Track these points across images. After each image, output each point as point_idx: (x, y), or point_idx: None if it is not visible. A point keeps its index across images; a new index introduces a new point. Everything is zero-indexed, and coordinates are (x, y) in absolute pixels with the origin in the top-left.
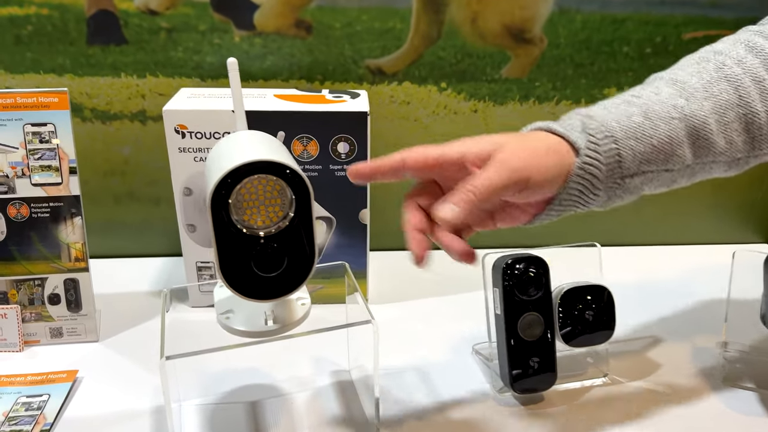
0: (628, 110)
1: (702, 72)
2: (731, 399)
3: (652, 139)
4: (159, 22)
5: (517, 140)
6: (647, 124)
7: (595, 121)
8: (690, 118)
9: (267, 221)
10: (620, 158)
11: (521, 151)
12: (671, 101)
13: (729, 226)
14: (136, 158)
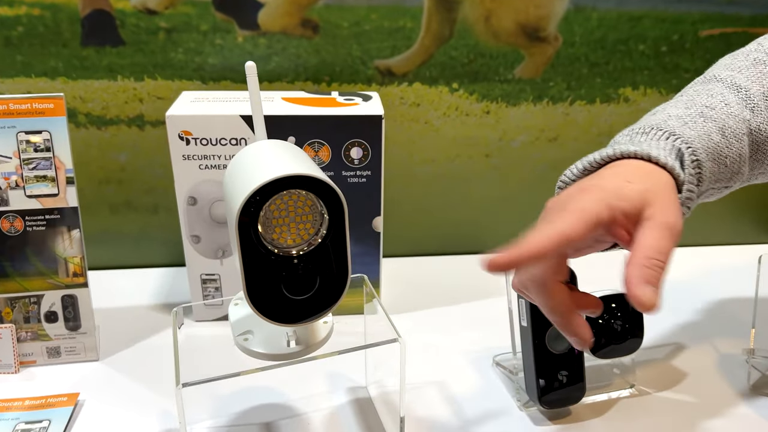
0: (707, 127)
1: (761, 77)
2: (760, 407)
3: (726, 159)
4: (158, 21)
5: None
6: (723, 143)
7: (685, 143)
8: (755, 132)
9: (297, 239)
10: (701, 181)
11: (667, 203)
12: (741, 114)
13: (747, 227)
14: (134, 165)
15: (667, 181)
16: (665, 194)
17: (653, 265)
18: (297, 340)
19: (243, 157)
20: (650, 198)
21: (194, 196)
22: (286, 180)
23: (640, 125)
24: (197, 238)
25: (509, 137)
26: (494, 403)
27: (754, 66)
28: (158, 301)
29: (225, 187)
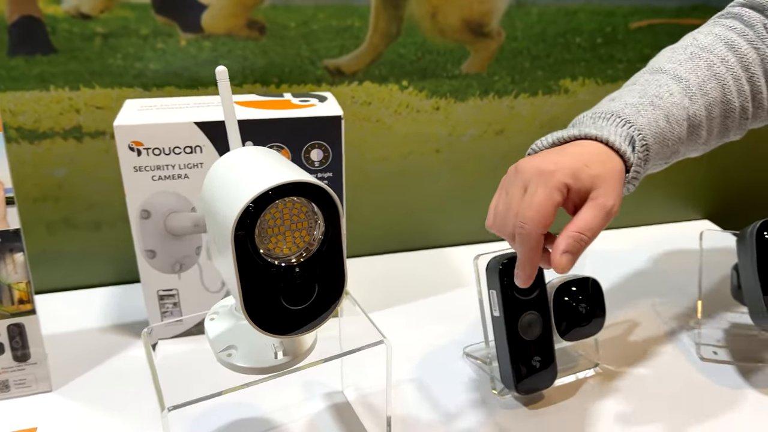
0: (655, 114)
1: (697, 69)
2: (711, 374)
3: (668, 141)
4: (93, 27)
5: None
6: (668, 128)
7: (636, 130)
8: (692, 118)
9: (293, 248)
10: (647, 161)
11: (611, 188)
12: (682, 102)
13: (673, 206)
14: (72, 181)
15: (618, 168)
16: (612, 181)
17: (579, 239)
18: (284, 351)
19: (225, 167)
20: (599, 183)
21: (147, 209)
22: (281, 188)
23: (602, 110)
24: (152, 253)
25: (459, 132)
26: (470, 394)
27: (691, 59)
28: (108, 322)
29: (207, 200)
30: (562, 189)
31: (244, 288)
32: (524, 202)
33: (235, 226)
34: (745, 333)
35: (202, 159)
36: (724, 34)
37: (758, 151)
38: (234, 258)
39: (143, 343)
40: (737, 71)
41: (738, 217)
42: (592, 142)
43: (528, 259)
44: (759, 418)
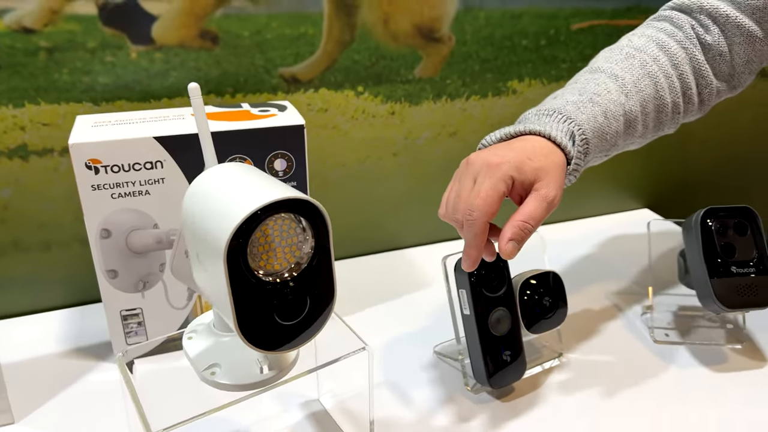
0: (594, 110)
1: (632, 68)
2: (665, 355)
3: (607, 135)
4: (36, 41)
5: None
6: (606, 123)
7: (576, 126)
8: (628, 113)
9: (284, 263)
10: (587, 154)
11: (552, 181)
12: (618, 99)
13: (615, 198)
14: (18, 202)
15: (560, 161)
16: (554, 173)
17: (523, 228)
18: (269, 366)
19: (208, 184)
20: (542, 175)
21: (107, 228)
22: (270, 205)
23: (545, 107)
24: (114, 273)
25: (414, 135)
26: (444, 392)
27: (626, 59)
28: (66, 347)
29: (191, 218)
30: (508, 180)
31: (237, 306)
32: (473, 192)
33: (228, 245)
34: (692, 315)
35: (163, 174)
36: (655, 35)
37: (690, 145)
38: (226, 277)
39: (119, 367)
40: (668, 69)
41: (675, 206)
42: (536, 137)
43: (474, 245)
44: (710, 392)
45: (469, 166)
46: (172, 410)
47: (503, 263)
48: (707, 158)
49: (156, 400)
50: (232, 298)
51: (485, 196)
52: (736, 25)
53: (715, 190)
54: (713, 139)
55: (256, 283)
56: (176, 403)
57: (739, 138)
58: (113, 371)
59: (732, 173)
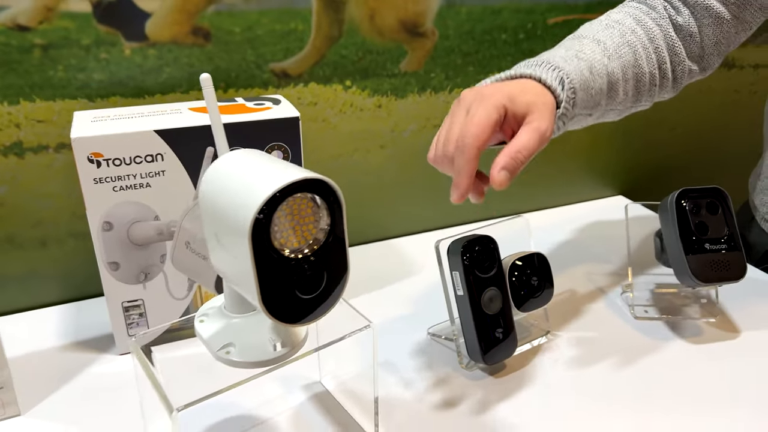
0: (580, 65)
1: (612, 36)
2: (645, 330)
3: (591, 90)
4: (31, 38)
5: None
6: (590, 78)
7: (565, 74)
8: (611, 74)
9: (302, 241)
10: (575, 104)
11: (544, 115)
12: (602, 60)
13: (591, 185)
14: (14, 199)
15: (551, 101)
16: (545, 108)
17: (515, 157)
18: (282, 343)
19: (226, 170)
20: (533, 108)
21: (109, 220)
22: (291, 185)
23: (535, 60)
24: (116, 265)
25: (400, 128)
26: (439, 370)
27: (606, 29)
28: (66, 341)
29: (210, 203)
30: (500, 108)
31: (261, 282)
32: (466, 120)
33: (253, 222)
34: (669, 292)
35: (164, 167)
36: (632, 12)
37: (660, 132)
38: (251, 254)
39: (133, 351)
40: (645, 42)
41: (646, 191)
42: (528, 80)
43: (465, 172)
44: (688, 363)
45: (461, 101)
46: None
47: (493, 245)
48: (676, 144)
49: (170, 384)
50: (256, 273)
51: (477, 122)
52: (705, 6)
53: (684, 175)
54: (681, 126)
55: (278, 259)
56: (190, 385)
57: (706, 125)
58: (115, 363)
59: (699, 159)
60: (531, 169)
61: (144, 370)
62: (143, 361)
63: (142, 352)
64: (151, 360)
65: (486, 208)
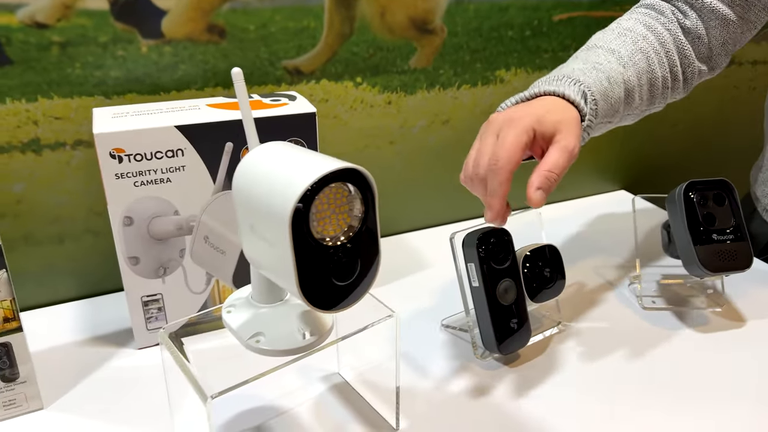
0: (599, 76)
1: (625, 44)
2: (653, 320)
3: (611, 99)
4: (50, 36)
5: (561, 118)
6: (609, 87)
7: (586, 87)
8: (627, 82)
9: (338, 229)
10: (597, 114)
11: (571, 131)
12: (617, 69)
13: (595, 180)
14: (32, 196)
15: (575, 116)
16: (571, 125)
17: (549, 176)
18: (310, 332)
19: (261, 161)
20: (561, 127)
21: (130, 215)
22: (329, 175)
23: (555, 74)
24: (136, 260)
25: (409, 124)
26: (454, 361)
27: (619, 37)
28: (85, 336)
29: (245, 194)
30: (529, 131)
31: (300, 269)
32: (497, 144)
33: (293, 211)
34: (675, 282)
35: (184, 162)
36: (642, 18)
37: (662, 129)
38: (290, 242)
39: (162, 342)
40: (657, 47)
41: (648, 186)
42: (551, 97)
43: (498, 194)
44: (696, 352)
45: (490, 125)
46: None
47: (508, 237)
48: (677, 140)
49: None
50: (295, 261)
51: (509, 146)
52: (711, 9)
53: (684, 169)
54: (683, 122)
55: (316, 247)
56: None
57: (706, 121)
58: (134, 357)
59: (700, 154)
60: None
61: (175, 360)
62: (174, 352)
63: (173, 343)
64: (183, 351)
65: None
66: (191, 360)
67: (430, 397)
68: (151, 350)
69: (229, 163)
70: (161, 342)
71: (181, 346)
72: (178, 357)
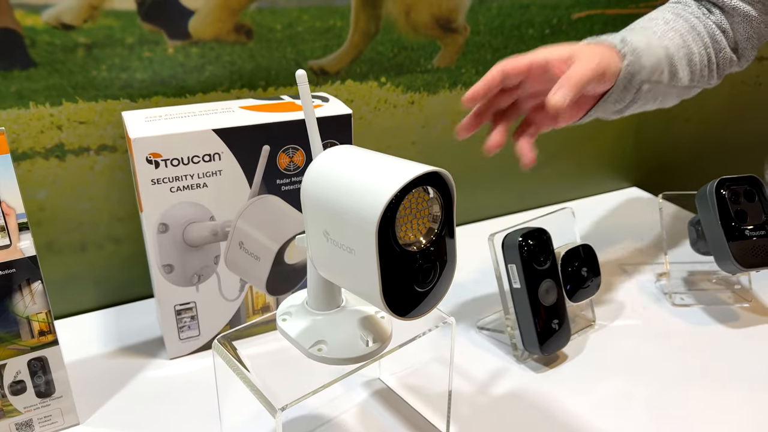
0: (638, 35)
1: (657, 26)
2: (683, 316)
3: (654, 57)
4: (75, 37)
5: (585, 46)
6: (651, 49)
7: (629, 39)
8: (666, 49)
9: (418, 234)
10: (641, 66)
11: (595, 52)
12: (655, 38)
13: (607, 178)
14: (55, 202)
15: (615, 55)
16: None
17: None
18: (373, 338)
19: (335, 167)
20: (577, 48)
21: (165, 222)
22: (414, 179)
23: (602, 36)
24: (170, 267)
25: (431, 124)
26: (494, 363)
27: (650, 20)
28: (111, 347)
29: (316, 200)
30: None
31: (384, 276)
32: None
33: (381, 218)
34: (702, 279)
35: (221, 166)
36: (670, 9)
37: (674, 124)
38: (376, 249)
39: (217, 353)
40: (688, 29)
41: (659, 182)
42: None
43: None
44: (726, 346)
45: (578, 48)
46: (280, 389)
47: (547, 236)
48: (689, 135)
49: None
50: (380, 269)
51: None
52: (733, 7)
53: (693, 165)
54: (695, 117)
55: (400, 253)
56: (277, 383)
57: (715, 117)
58: (167, 367)
59: (708, 150)
60: (548, 164)
61: (234, 372)
62: (231, 363)
63: (230, 353)
64: (240, 359)
65: (507, 204)
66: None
67: (474, 400)
68: (183, 360)
69: (266, 167)
70: (216, 352)
71: (237, 354)
72: (236, 368)
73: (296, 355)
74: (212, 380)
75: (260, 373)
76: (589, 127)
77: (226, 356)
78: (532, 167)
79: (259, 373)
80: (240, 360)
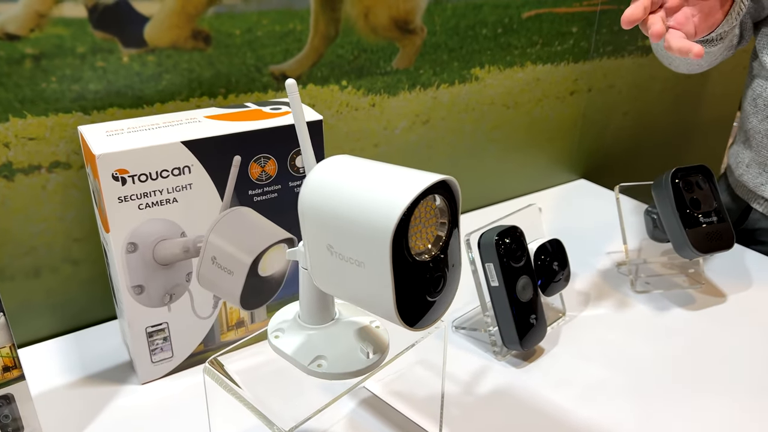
0: None
1: None
2: (645, 302)
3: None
4: (22, 48)
5: None
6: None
7: None
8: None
9: (426, 243)
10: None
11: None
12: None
13: (557, 171)
14: (4, 226)
15: None
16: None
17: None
18: (373, 350)
19: (337, 178)
20: None
21: (134, 241)
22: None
23: None
24: (140, 288)
25: (392, 125)
26: (475, 362)
27: None
28: (77, 375)
29: (318, 212)
30: None
31: (397, 287)
32: None
33: (395, 229)
34: (661, 264)
35: (191, 180)
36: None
37: (614, 117)
38: (390, 261)
39: (208, 376)
40: None
41: (603, 173)
42: None
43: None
44: (687, 326)
45: None
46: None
47: (520, 233)
48: (628, 128)
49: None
50: (393, 281)
51: None
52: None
53: (635, 155)
54: (632, 111)
55: (412, 263)
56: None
57: (653, 108)
58: (139, 393)
59: (648, 140)
60: (501, 158)
61: (230, 393)
62: (225, 385)
63: (222, 374)
64: (233, 380)
65: (466, 202)
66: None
67: (461, 401)
68: (156, 384)
69: (238, 178)
70: (208, 375)
71: (228, 374)
72: (230, 388)
73: (283, 367)
74: (189, 403)
75: (254, 391)
76: (539, 122)
77: (219, 379)
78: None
79: (253, 392)
80: (233, 380)
